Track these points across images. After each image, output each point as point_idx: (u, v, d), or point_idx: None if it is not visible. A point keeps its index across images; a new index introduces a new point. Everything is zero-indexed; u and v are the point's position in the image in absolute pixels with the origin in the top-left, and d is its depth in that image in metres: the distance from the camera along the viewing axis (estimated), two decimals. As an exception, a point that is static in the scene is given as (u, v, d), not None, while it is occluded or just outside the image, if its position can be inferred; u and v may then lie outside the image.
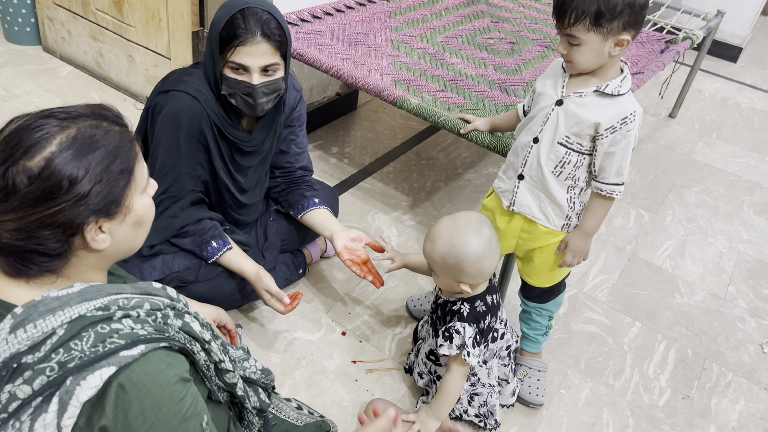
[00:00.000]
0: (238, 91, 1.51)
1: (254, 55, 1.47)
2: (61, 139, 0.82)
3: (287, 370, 1.71)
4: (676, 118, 3.54)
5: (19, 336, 0.79)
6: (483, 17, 2.88)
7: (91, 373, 0.79)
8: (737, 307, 2.22)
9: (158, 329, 0.88)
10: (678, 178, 2.95)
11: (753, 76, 4.31)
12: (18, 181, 0.80)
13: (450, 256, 1.41)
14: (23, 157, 0.80)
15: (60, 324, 0.81)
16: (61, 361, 0.79)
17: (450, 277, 1.45)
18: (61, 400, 0.78)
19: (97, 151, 0.84)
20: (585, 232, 1.54)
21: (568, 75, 1.44)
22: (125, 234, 0.91)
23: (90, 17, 2.76)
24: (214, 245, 1.65)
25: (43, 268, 0.86)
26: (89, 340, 0.81)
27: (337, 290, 1.99)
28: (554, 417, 1.72)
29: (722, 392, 1.88)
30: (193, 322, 0.96)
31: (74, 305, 0.83)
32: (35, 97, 2.70)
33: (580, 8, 1.29)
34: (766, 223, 2.72)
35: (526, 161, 1.51)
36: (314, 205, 1.84)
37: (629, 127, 1.39)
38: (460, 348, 1.45)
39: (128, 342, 0.82)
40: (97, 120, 0.87)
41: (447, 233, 1.43)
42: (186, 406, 0.86)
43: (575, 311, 2.07)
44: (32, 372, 0.78)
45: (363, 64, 2.21)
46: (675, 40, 2.79)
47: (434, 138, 2.94)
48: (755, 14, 4.36)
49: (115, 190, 0.86)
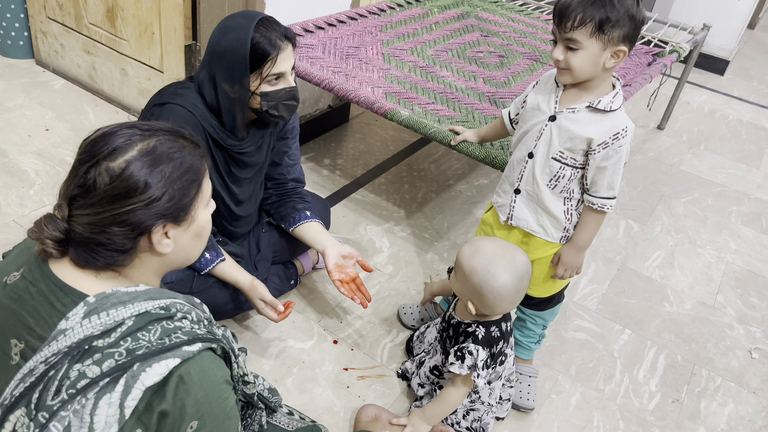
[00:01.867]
0: (280, 100, 1.57)
1: (287, 59, 1.54)
2: (142, 147, 0.91)
3: (279, 378, 1.72)
4: (665, 129, 3.58)
5: (93, 321, 0.88)
6: (473, 31, 2.92)
7: (158, 362, 0.86)
8: (726, 314, 2.24)
9: (210, 332, 0.97)
10: (666, 189, 2.98)
11: (740, 89, 4.37)
12: (99, 179, 0.89)
13: (478, 275, 1.41)
14: (107, 159, 0.89)
15: (129, 315, 0.89)
16: (129, 348, 0.87)
17: (465, 289, 1.46)
18: (127, 382, 0.85)
19: (173, 162, 0.93)
20: (578, 245, 1.55)
21: (561, 89, 1.45)
22: (186, 243, 1.00)
23: (83, 31, 2.78)
24: (207, 256, 1.66)
25: (109, 262, 0.93)
26: (156, 332, 0.89)
27: (328, 301, 2.00)
28: (545, 421, 1.74)
29: (711, 396, 1.91)
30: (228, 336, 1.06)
31: (141, 301, 0.91)
32: (28, 110, 2.71)
33: (586, 12, 1.30)
34: (753, 233, 2.75)
35: (522, 176, 1.52)
36: (306, 218, 1.85)
37: (621, 142, 1.40)
38: (471, 369, 1.46)
39: (190, 339, 0.91)
40: (174, 136, 0.96)
41: (491, 255, 1.42)
42: (230, 406, 0.95)
43: (565, 319, 2.09)
44: (102, 355, 0.86)
45: (354, 77, 2.24)
46: (662, 53, 2.83)
47: (425, 150, 2.97)
48: (741, 28, 4.43)
49: (184, 199, 0.95)
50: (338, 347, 1.85)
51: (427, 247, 2.31)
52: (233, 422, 0.95)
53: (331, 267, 1.75)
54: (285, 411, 1.44)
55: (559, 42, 1.37)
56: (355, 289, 1.76)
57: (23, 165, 2.37)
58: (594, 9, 1.30)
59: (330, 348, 1.84)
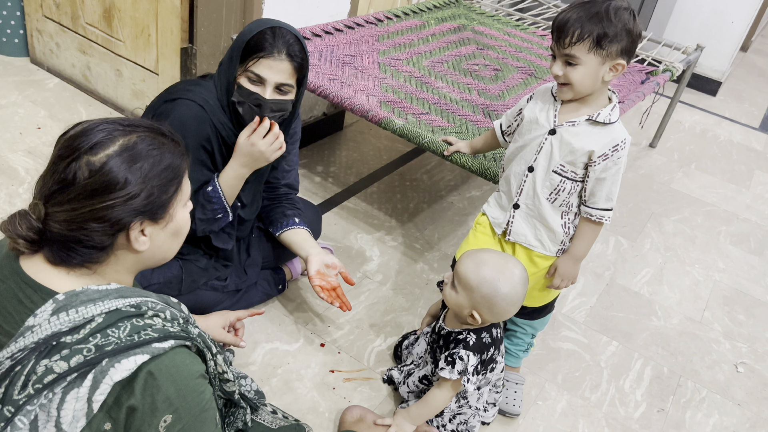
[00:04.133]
0: (248, 101, 1.56)
1: (274, 70, 1.52)
2: (123, 142, 0.91)
3: (264, 377, 1.71)
4: (656, 148, 3.60)
5: (62, 318, 0.87)
6: (469, 44, 2.94)
7: (126, 357, 0.86)
8: (712, 330, 2.25)
9: (184, 330, 0.97)
10: (657, 206, 3.00)
11: (731, 110, 4.41)
12: (79, 173, 0.88)
13: (488, 285, 1.42)
14: (88, 153, 0.89)
15: (99, 313, 0.89)
16: (98, 344, 0.87)
17: (471, 301, 1.46)
18: (95, 377, 0.85)
19: (152, 159, 0.93)
20: (574, 257, 1.57)
21: (559, 103, 1.46)
22: (163, 241, 0.99)
23: (79, 30, 2.78)
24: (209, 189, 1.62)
25: (84, 260, 0.92)
26: (125, 329, 0.89)
27: (316, 306, 2.00)
28: (530, 426, 1.74)
29: (696, 407, 1.92)
30: (204, 334, 1.04)
31: (112, 299, 0.91)
32: (20, 108, 2.69)
33: (583, 28, 1.32)
34: (742, 253, 2.76)
35: (521, 190, 1.52)
36: (294, 224, 1.84)
37: (620, 154, 1.42)
38: (462, 374, 1.46)
39: (160, 336, 0.91)
40: (155, 133, 0.96)
41: (498, 266, 1.44)
42: (206, 399, 0.95)
43: (553, 330, 2.09)
44: (70, 351, 0.86)
45: (350, 85, 2.24)
46: (655, 72, 2.86)
47: (419, 160, 2.97)
48: (734, 50, 4.48)
49: (162, 197, 0.94)
50: (325, 350, 1.84)
51: (418, 257, 2.31)
52: (210, 414, 0.96)
53: (313, 273, 1.75)
54: (269, 410, 1.44)
55: (558, 57, 1.38)
56: (335, 297, 1.75)
57: (13, 163, 2.35)
58: (592, 24, 1.32)
59: (317, 351, 1.83)
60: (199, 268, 1.71)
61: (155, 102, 1.60)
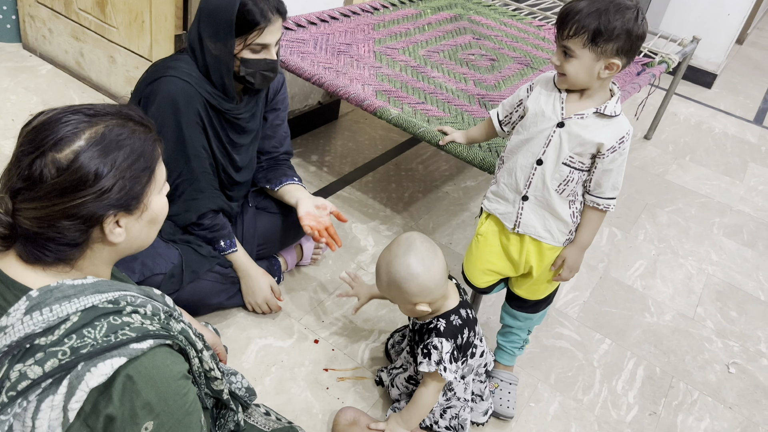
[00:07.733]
0: (259, 69, 1.59)
1: (274, 32, 1.56)
2: (90, 135, 0.86)
3: (257, 376, 1.70)
4: (651, 139, 3.61)
5: (35, 318, 0.82)
6: (465, 34, 2.92)
7: (102, 361, 0.81)
8: (705, 327, 2.26)
9: (164, 328, 0.92)
10: (651, 198, 3.00)
11: (726, 102, 4.42)
12: (46, 172, 0.83)
13: (393, 283, 1.44)
14: (53, 149, 0.84)
15: (74, 311, 0.84)
16: (73, 346, 0.82)
17: (404, 302, 1.47)
18: (70, 383, 0.80)
19: (123, 149, 0.88)
20: (582, 245, 1.58)
21: (564, 94, 1.45)
22: (140, 230, 0.95)
23: (72, 16, 2.75)
24: (222, 245, 1.75)
25: (59, 257, 0.88)
26: (102, 329, 0.84)
27: (311, 299, 1.99)
28: (523, 429, 1.73)
29: (688, 410, 1.91)
30: (188, 329, 1.00)
31: (88, 295, 0.86)
32: (12, 94, 2.67)
33: (581, 22, 1.32)
34: (735, 245, 2.77)
35: (530, 182, 1.52)
36: (294, 181, 1.89)
37: (625, 145, 1.44)
38: (438, 363, 1.45)
39: (138, 335, 0.86)
40: (122, 120, 0.91)
41: (384, 262, 1.46)
42: (189, 401, 0.91)
43: (547, 327, 2.09)
44: (44, 354, 0.81)
45: (345, 74, 2.23)
46: (651, 64, 2.85)
47: (414, 150, 2.97)
48: (730, 42, 4.47)
49: (136, 188, 0.90)
50: (319, 347, 1.83)
51: (412, 248, 2.30)
52: (195, 417, 0.92)
53: (302, 214, 1.75)
54: (262, 411, 1.43)
55: (558, 47, 1.39)
56: (325, 235, 1.76)
57: (4, 149, 2.33)
58: (590, 20, 1.31)
59: (310, 347, 1.83)
60: (200, 255, 1.71)
61: (139, 85, 1.61)
